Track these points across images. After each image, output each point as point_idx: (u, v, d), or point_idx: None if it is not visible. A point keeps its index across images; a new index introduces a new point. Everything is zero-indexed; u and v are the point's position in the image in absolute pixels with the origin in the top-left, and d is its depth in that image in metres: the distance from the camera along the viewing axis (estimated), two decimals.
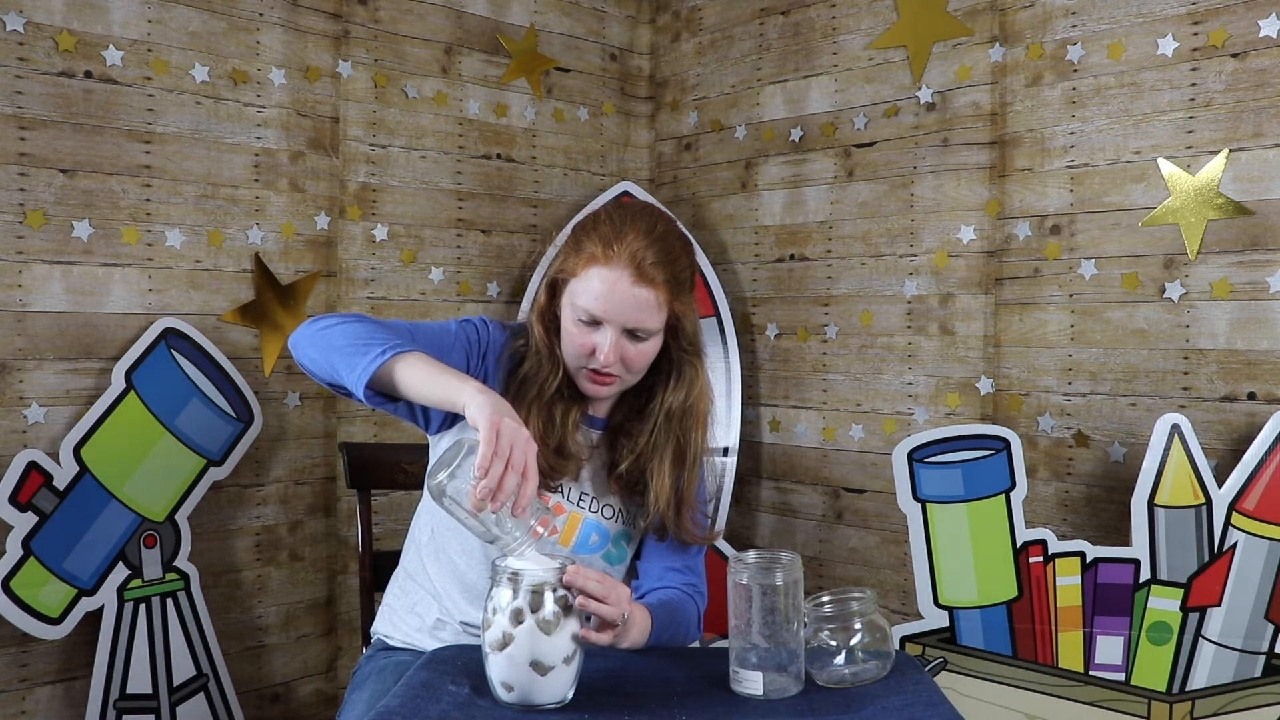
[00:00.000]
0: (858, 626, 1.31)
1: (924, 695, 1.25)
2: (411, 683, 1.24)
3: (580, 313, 1.44)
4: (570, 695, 1.21)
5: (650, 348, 1.47)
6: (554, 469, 1.48)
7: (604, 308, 1.42)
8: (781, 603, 1.25)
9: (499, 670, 1.19)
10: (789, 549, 1.33)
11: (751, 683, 1.25)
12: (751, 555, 1.29)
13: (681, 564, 1.60)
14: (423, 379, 1.30)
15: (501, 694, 1.20)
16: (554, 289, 1.50)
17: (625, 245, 1.42)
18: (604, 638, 1.28)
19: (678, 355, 1.52)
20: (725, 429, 2.91)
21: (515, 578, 1.19)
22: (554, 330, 1.51)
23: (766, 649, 1.25)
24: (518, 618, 1.18)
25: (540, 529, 1.24)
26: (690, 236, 1.58)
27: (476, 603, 1.51)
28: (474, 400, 1.25)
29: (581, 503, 1.53)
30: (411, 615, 1.58)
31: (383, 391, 1.35)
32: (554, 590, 1.20)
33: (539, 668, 1.18)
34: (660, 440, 1.52)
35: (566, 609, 1.20)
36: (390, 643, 1.61)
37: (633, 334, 1.44)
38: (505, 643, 1.18)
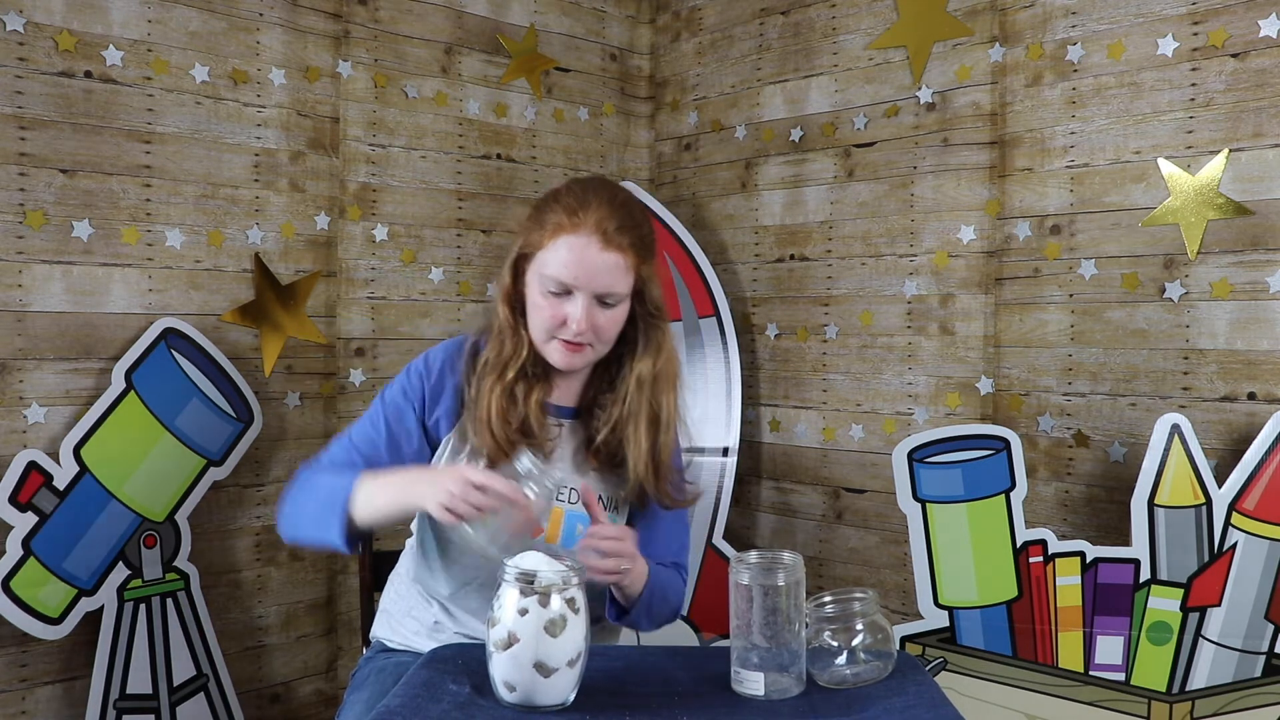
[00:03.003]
0: (859, 627, 1.31)
1: (926, 696, 1.25)
2: (412, 682, 1.24)
3: (550, 283, 1.45)
4: (572, 698, 1.21)
5: (620, 314, 1.49)
6: (516, 448, 1.48)
7: (574, 274, 1.44)
8: (783, 603, 1.25)
9: (502, 670, 1.19)
10: (789, 549, 1.32)
11: (753, 683, 1.25)
12: (753, 555, 1.28)
13: (671, 559, 1.61)
14: (377, 509, 1.40)
15: (504, 694, 1.20)
16: (519, 267, 1.52)
17: (590, 213, 1.44)
18: (608, 564, 1.34)
19: (644, 321, 1.54)
20: (725, 429, 2.91)
21: (524, 578, 1.19)
22: (519, 310, 1.52)
23: (768, 649, 1.25)
24: (524, 618, 1.18)
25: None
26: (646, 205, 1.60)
27: (478, 616, 1.51)
28: (426, 497, 1.32)
29: (562, 496, 1.53)
30: (409, 619, 1.58)
31: (365, 530, 1.43)
32: (562, 592, 1.20)
33: (543, 669, 1.18)
34: (634, 407, 1.53)
35: (574, 611, 1.20)
36: (390, 645, 1.61)
37: (603, 301, 1.46)
38: (510, 642, 1.18)
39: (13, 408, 2.22)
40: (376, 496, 1.39)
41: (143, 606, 2.32)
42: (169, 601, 2.36)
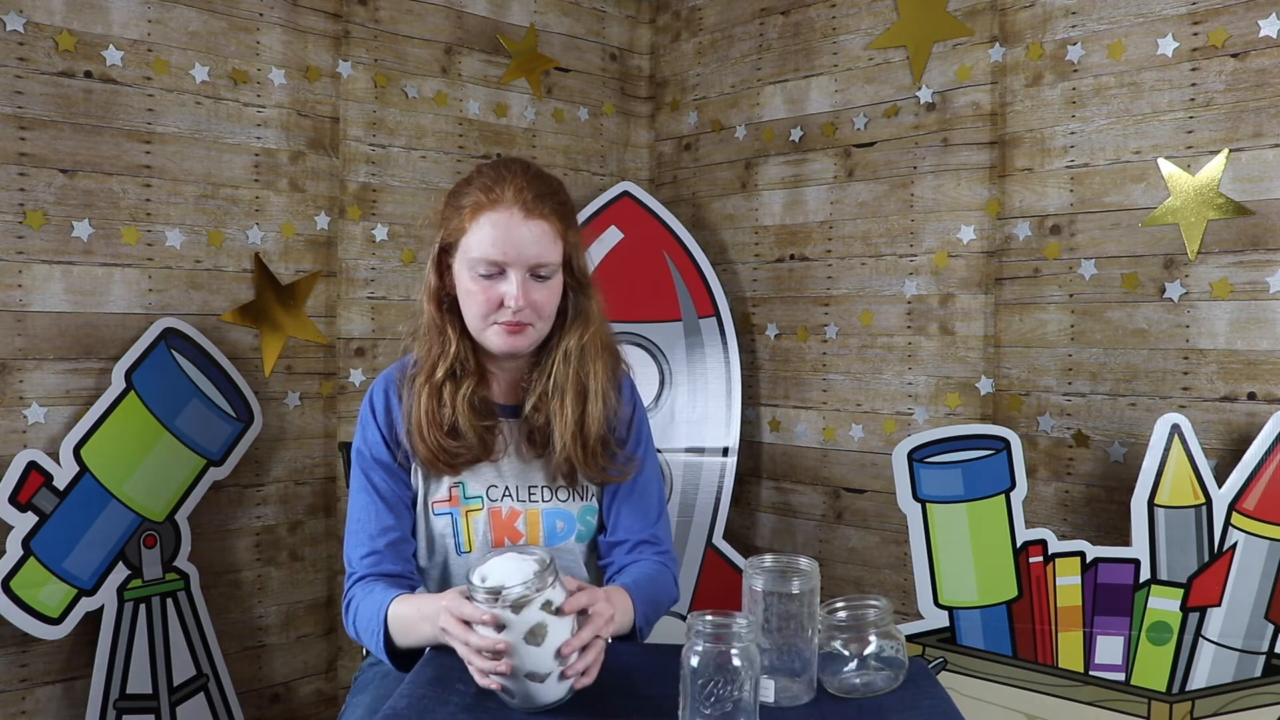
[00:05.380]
0: (872, 636, 1.27)
1: (940, 711, 1.22)
2: (419, 680, 1.23)
3: (480, 265, 1.43)
4: (573, 690, 1.20)
5: (555, 286, 1.47)
6: (449, 453, 1.46)
7: (503, 250, 1.41)
8: (797, 610, 1.22)
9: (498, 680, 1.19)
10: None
11: (763, 689, 1.23)
12: (769, 560, 1.25)
13: (648, 533, 1.56)
14: (410, 642, 1.36)
15: (504, 698, 1.20)
16: (442, 261, 1.49)
17: (507, 186, 1.43)
18: (589, 657, 1.22)
19: (573, 292, 1.51)
20: (725, 429, 2.91)
21: (492, 594, 1.16)
22: (446, 307, 1.50)
23: (779, 655, 1.23)
24: (503, 634, 1.15)
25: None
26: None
27: None
28: (437, 635, 1.27)
29: (533, 497, 1.52)
30: None
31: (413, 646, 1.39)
32: (535, 600, 1.16)
33: (534, 677, 1.16)
34: (560, 379, 1.50)
35: (553, 613, 1.17)
36: None
37: (536, 274, 1.44)
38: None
39: (13, 408, 2.21)
40: (406, 631, 1.36)
41: (143, 606, 2.32)
42: (169, 601, 2.35)
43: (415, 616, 1.34)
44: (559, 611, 1.17)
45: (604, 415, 1.52)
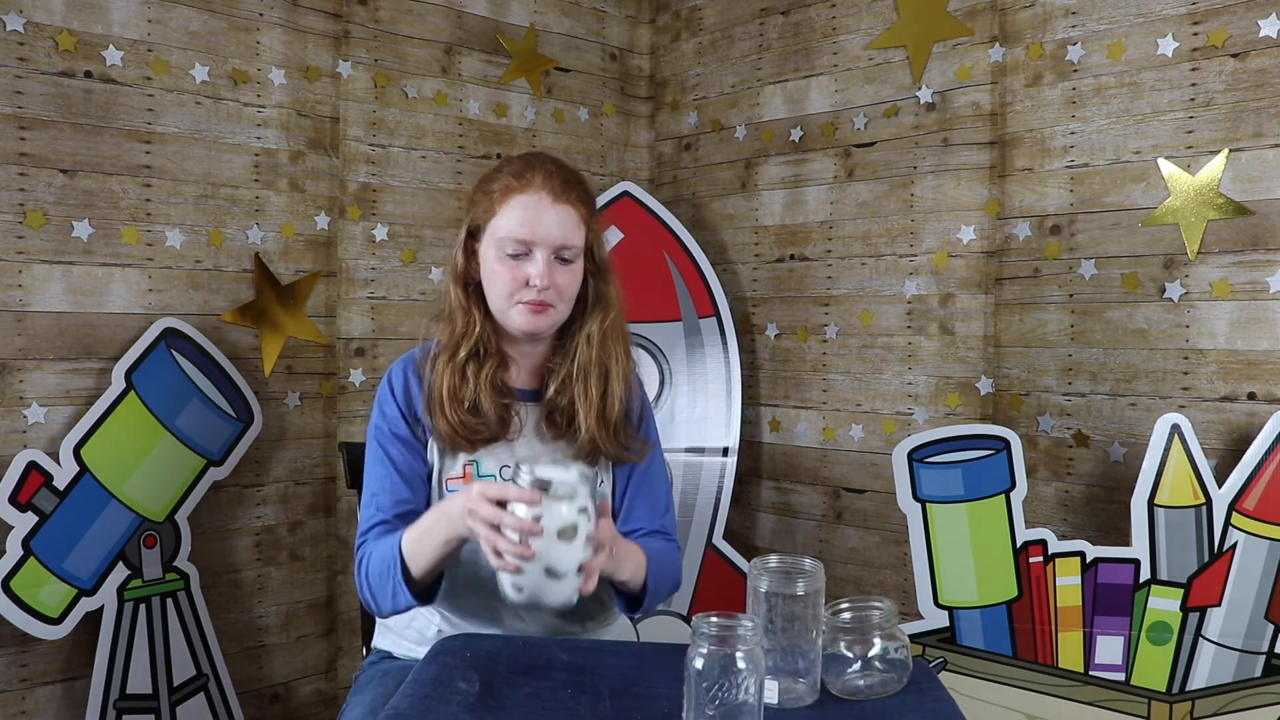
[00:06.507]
0: (876, 638, 1.27)
1: (944, 715, 1.22)
2: (421, 679, 1.24)
3: (507, 245, 1.47)
4: (575, 599, 1.23)
5: (577, 271, 1.52)
6: (470, 429, 1.49)
7: (532, 230, 1.46)
8: (801, 611, 1.22)
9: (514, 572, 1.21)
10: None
11: (766, 690, 1.23)
12: (773, 561, 1.26)
13: (658, 524, 1.61)
14: (427, 557, 1.37)
15: (511, 593, 1.22)
16: (469, 244, 1.54)
17: (537, 173, 1.49)
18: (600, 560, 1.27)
19: (593, 278, 1.56)
20: (725, 429, 2.91)
21: (540, 485, 1.19)
22: (471, 289, 1.54)
23: (783, 657, 1.23)
24: (537, 524, 1.18)
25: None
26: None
27: (475, 617, 1.51)
28: (459, 520, 1.29)
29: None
30: (410, 630, 1.58)
31: (432, 577, 1.41)
32: (574, 500, 1.19)
33: (552, 574, 1.19)
34: (584, 362, 1.54)
35: (586, 517, 1.20)
36: (394, 654, 1.61)
37: (561, 257, 1.49)
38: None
39: (13, 408, 2.21)
40: (421, 543, 1.37)
41: (143, 606, 2.32)
42: (169, 601, 2.35)
43: (432, 518, 1.36)
44: (590, 519, 1.21)
45: (625, 396, 1.57)
